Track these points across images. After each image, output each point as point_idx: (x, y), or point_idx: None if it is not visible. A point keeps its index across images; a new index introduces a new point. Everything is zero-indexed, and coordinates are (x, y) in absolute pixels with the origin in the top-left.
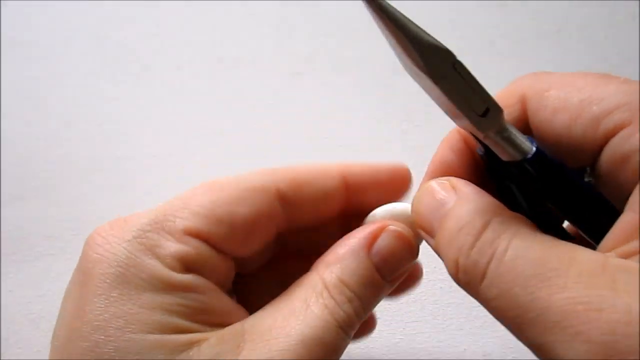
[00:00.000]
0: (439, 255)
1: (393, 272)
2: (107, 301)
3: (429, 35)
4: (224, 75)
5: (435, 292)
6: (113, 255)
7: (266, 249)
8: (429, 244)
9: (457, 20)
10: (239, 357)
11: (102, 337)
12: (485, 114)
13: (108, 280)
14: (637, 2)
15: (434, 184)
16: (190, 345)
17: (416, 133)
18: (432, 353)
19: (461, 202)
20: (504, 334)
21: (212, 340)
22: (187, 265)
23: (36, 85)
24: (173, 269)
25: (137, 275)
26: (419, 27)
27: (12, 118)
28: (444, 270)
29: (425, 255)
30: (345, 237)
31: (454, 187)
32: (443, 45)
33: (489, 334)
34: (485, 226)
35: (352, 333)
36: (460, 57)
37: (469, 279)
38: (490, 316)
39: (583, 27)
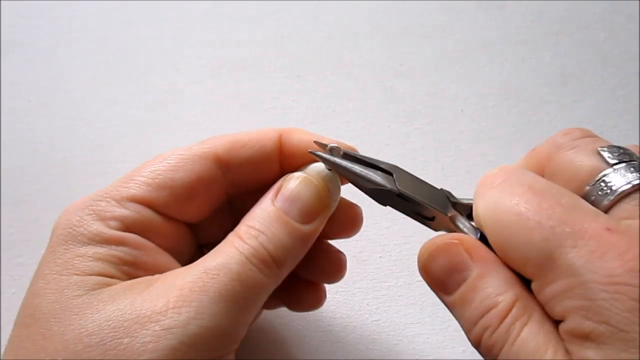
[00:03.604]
0: (452, 313)
1: (303, 212)
2: (53, 255)
3: (377, 178)
4: (226, 78)
5: (434, 294)
6: (67, 221)
7: (223, 215)
8: (439, 297)
9: (457, 21)
10: (143, 293)
11: (42, 282)
12: (433, 218)
13: (58, 240)
14: (637, 2)
15: (448, 241)
16: (106, 285)
17: (417, 135)
18: (431, 354)
19: (484, 275)
20: None
21: (126, 282)
22: (128, 226)
23: (36, 88)
24: (114, 228)
25: (81, 233)
26: (369, 172)
27: (13, 121)
28: None
29: None
30: None
31: (468, 251)
32: (386, 187)
33: None
34: (509, 310)
35: (269, 270)
36: (459, 58)
37: (486, 353)
38: None
39: (583, 27)
